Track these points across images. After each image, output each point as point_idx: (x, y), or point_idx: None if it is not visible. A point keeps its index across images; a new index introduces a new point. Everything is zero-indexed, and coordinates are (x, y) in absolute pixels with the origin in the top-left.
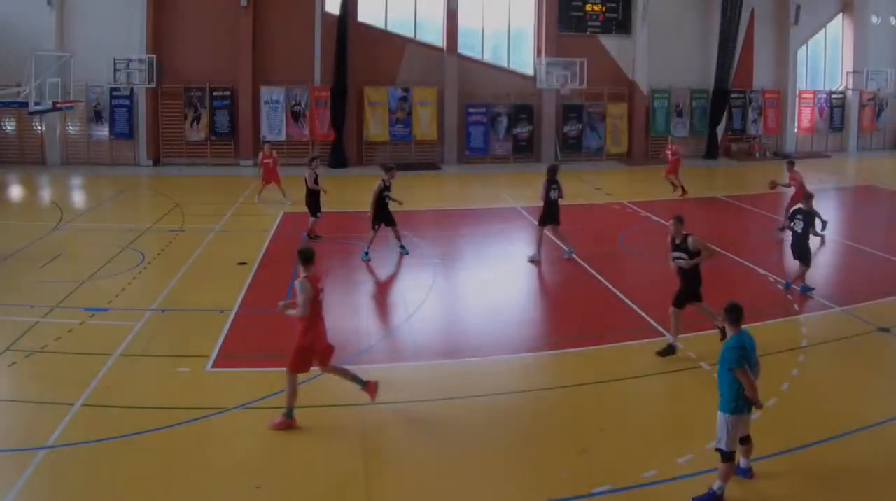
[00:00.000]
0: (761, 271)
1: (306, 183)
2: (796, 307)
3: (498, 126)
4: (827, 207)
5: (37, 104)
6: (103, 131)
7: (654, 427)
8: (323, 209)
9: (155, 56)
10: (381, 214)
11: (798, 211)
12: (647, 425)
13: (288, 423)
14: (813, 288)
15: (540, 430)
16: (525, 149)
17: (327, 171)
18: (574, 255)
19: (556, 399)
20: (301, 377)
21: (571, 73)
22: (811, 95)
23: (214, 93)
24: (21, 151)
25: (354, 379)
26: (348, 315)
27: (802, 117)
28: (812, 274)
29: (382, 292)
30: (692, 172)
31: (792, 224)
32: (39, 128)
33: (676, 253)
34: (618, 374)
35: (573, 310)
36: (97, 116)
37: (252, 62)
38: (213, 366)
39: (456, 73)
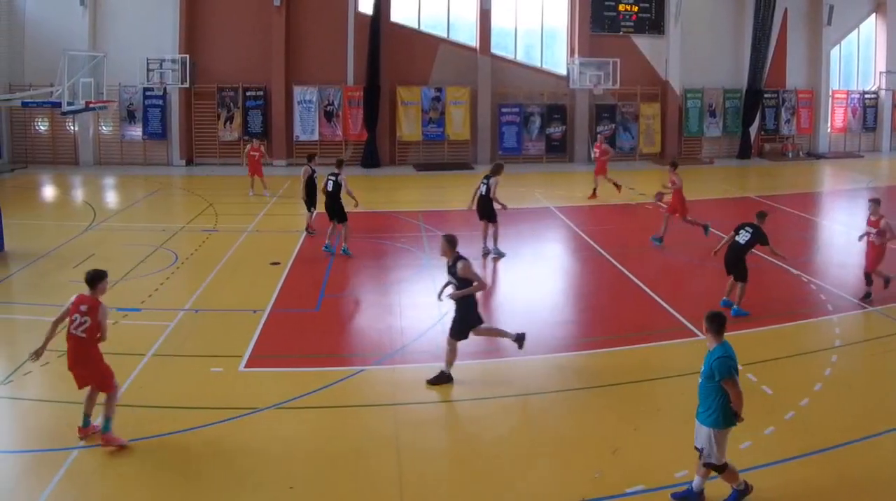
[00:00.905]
0: (794, 271)
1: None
2: (829, 307)
3: (531, 126)
4: (861, 207)
5: (70, 104)
6: (136, 131)
7: (687, 427)
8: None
9: (188, 56)
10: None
11: (749, 224)
12: (680, 425)
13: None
14: (748, 313)
15: (572, 430)
16: (558, 149)
17: (360, 171)
18: (491, 257)
19: (589, 399)
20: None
21: (604, 73)
22: (844, 95)
23: (247, 94)
24: (54, 151)
25: None
26: (382, 314)
27: (835, 117)
28: (844, 275)
29: (415, 292)
30: (726, 172)
31: (737, 235)
32: (72, 128)
33: (448, 279)
34: (650, 374)
35: (606, 310)
36: (130, 116)
37: (285, 62)
38: (246, 366)
39: (489, 72)
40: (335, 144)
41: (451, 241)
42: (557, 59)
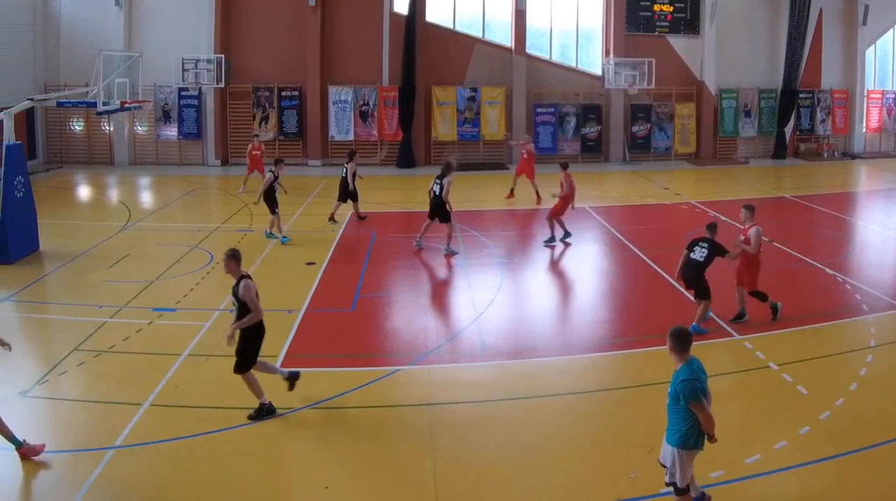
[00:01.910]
0: (829, 271)
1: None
2: (864, 307)
3: (566, 126)
4: None
5: (105, 104)
6: (171, 131)
7: (722, 428)
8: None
9: (223, 56)
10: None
11: (702, 239)
12: (716, 425)
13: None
14: (707, 331)
15: (608, 430)
16: (593, 149)
17: (396, 172)
18: (420, 245)
19: (624, 399)
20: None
21: (640, 73)
22: (879, 95)
23: (283, 93)
24: (89, 151)
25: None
26: (417, 315)
27: (871, 117)
28: (880, 275)
29: (450, 292)
30: (761, 172)
31: (691, 253)
32: (108, 128)
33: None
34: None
35: (642, 310)
36: (165, 116)
37: (320, 62)
38: (282, 366)
39: (524, 72)
40: (370, 144)
41: (234, 257)
42: (592, 59)
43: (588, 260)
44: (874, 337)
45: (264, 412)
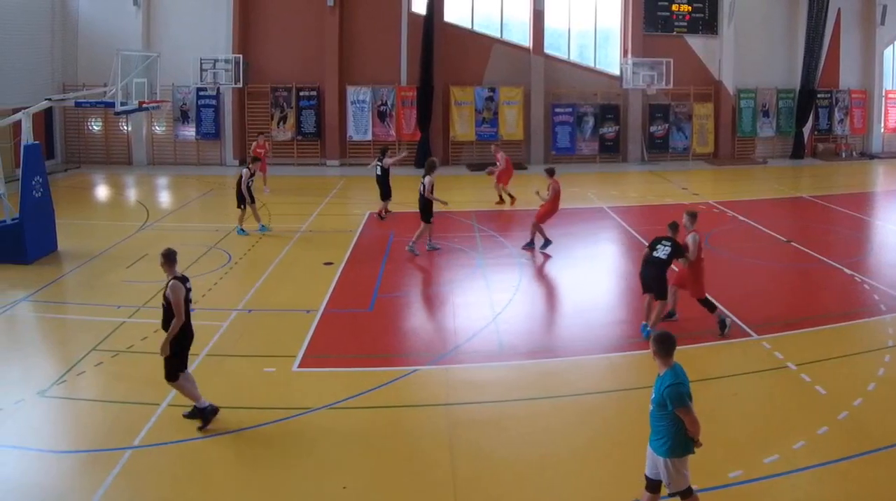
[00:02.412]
0: (847, 271)
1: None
2: (882, 307)
3: (584, 126)
4: None
5: (123, 104)
6: (189, 131)
7: (741, 428)
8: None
9: (241, 56)
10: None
11: (665, 237)
12: (734, 425)
13: None
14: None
15: (626, 430)
16: (611, 149)
17: (413, 171)
18: (414, 251)
19: (643, 398)
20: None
21: (658, 73)
22: None
23: (301, 93)
24: (107, 151)
25: None
26: (435, 314)
27: (889, 117)
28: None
29: (468, 292)
30: (779, 172)
31: (654, 251)
32: (126, 128)
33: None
34: (705, 374)
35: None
36: (183, 116)
37: (338, 62)
38: (300, 366)
39: (542, 72)
40: (388, 144)
41: (166, 256)
42: (611, 59)
43: (606, 259)
44: (892, 337)
45: (207, 414)
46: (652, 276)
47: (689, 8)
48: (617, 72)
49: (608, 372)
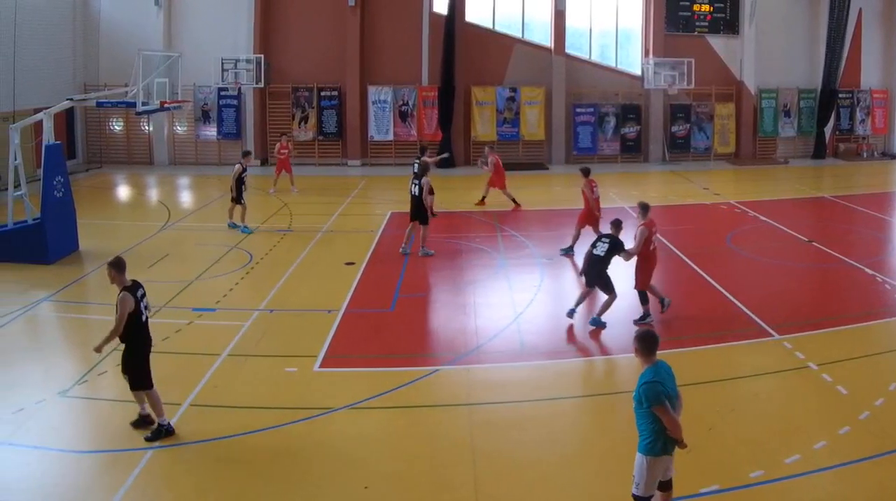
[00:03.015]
0: (869, 271)
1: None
2: None
3: (605, 126)
4: None
5: (144, 104)
6: (211, 131)
7: (762, 428)
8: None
9: (262, 56)
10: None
11: (605, 235)
12: (755, 425)
13: None
14: (604, 324)
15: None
16: (633, 149)
17: (435, 171)
18: (428, 253)
19: None
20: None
21: (679, 73)
22: None
23: (322, 93)
24: (128, 151)
25: None
26: (456, 314)
27: None
28: None
29: (490, 292)
30: (801, 172)
31: (594, 249)
32: (147, 128)
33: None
34: (726, 374)
35: (681, 310)
36: (205, 116)
37: (360, 62)
38: (321, 366)
39: (563, 72)
40: (409, 144)
41: (113, 265)
42: (632, 59)
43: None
44: None
45: (162, 433)
46: (591, 273)
47: (711, 8)
48: (638, 72)
49: (630, 372)
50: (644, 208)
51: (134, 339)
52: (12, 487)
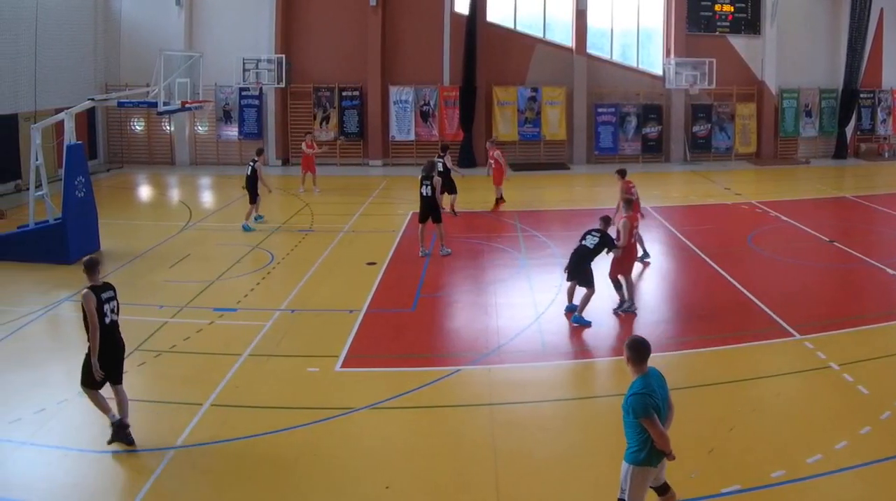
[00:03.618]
0: (890, 271)
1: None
2: None
3: (627, 126)
4: None
5: (166, 104)
6: (232, 131)
7: (784, 427)
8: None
9: (284, 56)
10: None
11: (595, 229)
12: (776, 425)
13: None
14: (589, 323)
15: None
16: (654, 149)
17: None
18: (447, 251)
19: (685, 398)
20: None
21: (700, 73)
22: None
23: (343, 93)
24: (150, 151)
25: None
26: (478, 314)
27: None
28: None
29: (511, 292)
30: (822, 172)
31: (583, 240)
32: (168, 128)
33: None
34: (747, 374)
35: (702, 310)
36: (226, 116)
37: (381, 62)
38: (343, 366)
39: (585, 72)
40: (431, 144)
41: (86, 266)
42: (653, 59)
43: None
44: None
45: (119, 430)
46: (576, 264)
47: (732, 8)
48: (659, 72)
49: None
50: (628, 202)
51: (101, 342)
52: (34, 486)
